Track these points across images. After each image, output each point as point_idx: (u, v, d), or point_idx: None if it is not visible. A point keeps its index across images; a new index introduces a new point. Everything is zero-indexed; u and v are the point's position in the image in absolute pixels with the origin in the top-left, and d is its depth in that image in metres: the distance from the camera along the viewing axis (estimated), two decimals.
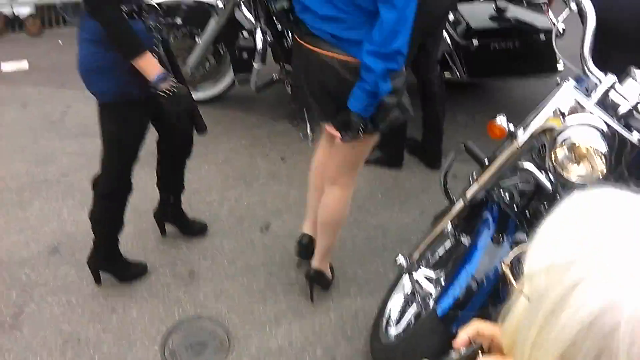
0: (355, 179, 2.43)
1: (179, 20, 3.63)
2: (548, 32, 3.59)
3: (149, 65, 2.02)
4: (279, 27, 3.41)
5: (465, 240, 2.06)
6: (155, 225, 2.88)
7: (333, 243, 2.55)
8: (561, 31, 3.41)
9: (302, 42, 2.11)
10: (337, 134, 2.12)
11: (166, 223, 2.88)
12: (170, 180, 2.73)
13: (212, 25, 3.63)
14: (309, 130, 3.57)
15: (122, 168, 2.36)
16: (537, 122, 1.80)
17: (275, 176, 2.95)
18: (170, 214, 2.81)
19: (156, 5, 2.13)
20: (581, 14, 1.94)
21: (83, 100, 3.70)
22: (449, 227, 2.04)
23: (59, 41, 4.39)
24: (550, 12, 3.65)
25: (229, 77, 3.92)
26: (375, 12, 1.90)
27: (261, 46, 3.34)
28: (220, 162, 3.02)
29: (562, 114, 1.82)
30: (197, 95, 3.82)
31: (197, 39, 3.76)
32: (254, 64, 3.46)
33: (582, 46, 1.90)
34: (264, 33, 3.35)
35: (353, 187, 2.44)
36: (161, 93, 2.04)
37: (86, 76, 2.17)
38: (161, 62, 2.14)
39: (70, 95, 3.81)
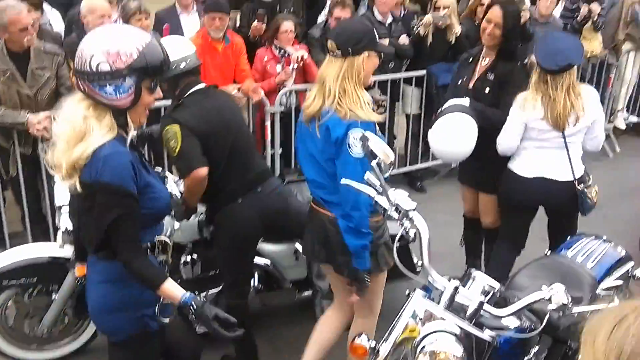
0: (376, 310, 2.79)
1: (33, 279, 3.50)
2: (402, 239, 3.82)
3: (175, 290, 2.02)
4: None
5: None
6: None
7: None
8: (412, 237, 3.68)
9: (312, 203, 2.64)
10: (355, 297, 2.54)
11: None
12: None
13: (70, 279, 3.53)
14: None
15: None
16: (394, 336, 1.87)
17: None
18: None
19: (168, 242, 2.19)
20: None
21: None
22: None
23: None
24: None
25: (90, 329, 3.71)
26: None
27: None
28: None
29: (420, 321, 1.91)
30: (55, 353, 3.58)
31: (53, 295, 3.60)
32: None
33: (421, 258, 2.05)
34: None
35: (375, 317, 2.80)
36: (186, 313, 2.03)
37: (98, 317, 2.19)
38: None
39: None
